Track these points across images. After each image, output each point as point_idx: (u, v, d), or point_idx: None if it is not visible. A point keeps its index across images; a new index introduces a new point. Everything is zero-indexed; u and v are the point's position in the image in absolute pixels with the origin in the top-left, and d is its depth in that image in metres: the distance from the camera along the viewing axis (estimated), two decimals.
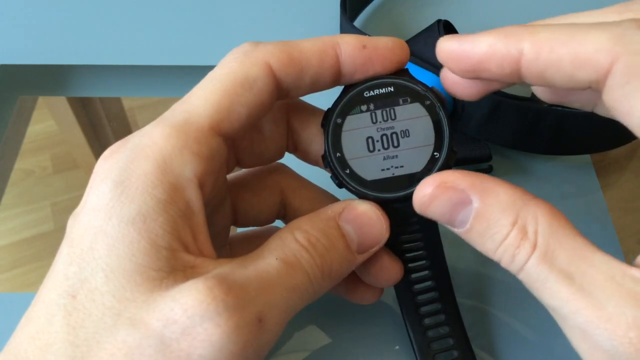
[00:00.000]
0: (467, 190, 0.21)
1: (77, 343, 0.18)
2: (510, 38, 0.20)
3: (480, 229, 0.21)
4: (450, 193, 0.21)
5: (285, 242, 0.22)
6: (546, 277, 0.19)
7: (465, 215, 0.21)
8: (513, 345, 0.30)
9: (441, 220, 0.22)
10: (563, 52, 0.19)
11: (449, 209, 0.21)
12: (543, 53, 0.19)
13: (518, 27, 0.20)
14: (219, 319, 0.18)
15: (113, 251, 0.19)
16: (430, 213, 0.22)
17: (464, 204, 0.21)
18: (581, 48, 0.18)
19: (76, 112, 0.66)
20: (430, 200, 0.21)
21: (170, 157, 0.20)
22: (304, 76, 0.23)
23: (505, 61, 0.20)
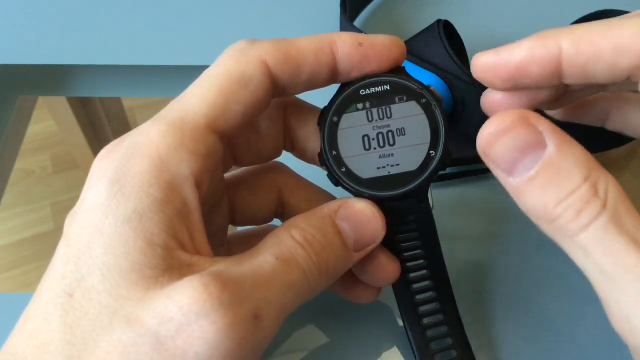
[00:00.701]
0: (545, 132, 0.19)
1: (74, 342, 0.18)
2: (548, 39, 0.20)
3: (547, 177, 0.19)
4: (527, 129, 0.19)
5: (282, 240, 0.22)
6: (614, 239, 0.18)
7: (534, 160, 0.19)
8: (512, 344, 0.30)
9: (501, 162, 0.20)
10: (603, 42, 0.19)
11: (519, 148, 0.19)
12: (583, 46, 0.19)
13: (554, 29, 0.20)
14: (214, 316, 0.18)
15: (109, 250, 0.19)
16: (496, 149, 0.20)
17: (536, 146, 0.19)
18: (620, 36, 0.19)
19: (76, 112, 0.66)
20: (502, 134, 0.20)
21: (166, 156, 0.20)
22: (301, 74, 0.23)
23: (546, 61, 0.20)
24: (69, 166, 0.86)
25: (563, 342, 0.29)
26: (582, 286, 0.31)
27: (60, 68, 0.46)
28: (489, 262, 0.33)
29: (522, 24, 0.46)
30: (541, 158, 0.19)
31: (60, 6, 0.48)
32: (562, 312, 0.30)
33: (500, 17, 0.47)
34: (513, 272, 0.32)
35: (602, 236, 0.18)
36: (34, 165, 0.87)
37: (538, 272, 0.32)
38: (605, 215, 0.18)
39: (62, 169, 0.87)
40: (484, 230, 0.34)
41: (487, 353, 0.29)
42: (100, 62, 0.44)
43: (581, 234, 0.19)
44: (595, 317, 0.30)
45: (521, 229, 0.34)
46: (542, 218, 0.19)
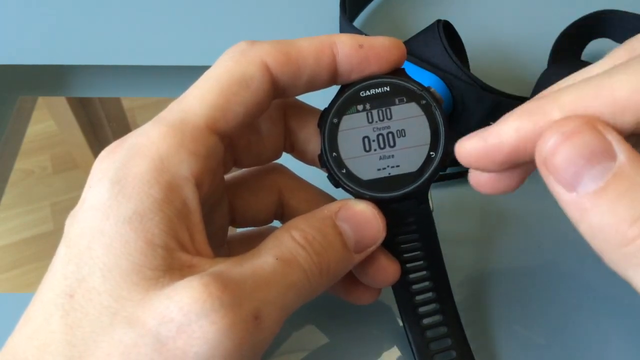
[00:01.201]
0: (614, 142, 0.17)
1: (74, 342, 0.18)
2: (535, 115, 0.18)
3: (618, 190, 0.16)
4: (595, 136, 0.17)
5: (282, 241, 0.22)
6: None
7: (602, 172, 0.16)
8: (511, 344, 0.30)
9: (564, 172, 0.17)
10: (598, 105, 0.17)
11: (586, 156, 0.17)
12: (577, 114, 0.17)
13: (537, 101, 0.18)
14: (214, 316, 0.18)
15: (110, 250, 0.19)
16: (560, 156, 0.17)
17: (604, 156, 0.16)
18: (617, 94, 0.17)
19: (76, 112, 0.66)
20: (567, 138, 0.17)
21: (166, 156, 0.20)
22: (301, 75, 0.23)
23: None
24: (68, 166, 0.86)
25: (563, 343, 0.29)
26: (583, 287, 0.31)
27: (60, 68, 0.46)
28: (489, 263, 0.33)
29: (522, 24, 0.46)
30: (611, 169, 0.16)
31: (60, 6, 0.48)
32: (562, 312, 0.30)
33: (500, 17, 0.47)
34: (512, 273, 0.32)
35: None
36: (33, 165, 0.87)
37: (538, 272, 0.32)
38: None
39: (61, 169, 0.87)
40: (484, 230, 0.34)
41: (486, 353, 0.29)
42: (100, 62, 0.44)
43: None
44: (596, 317, 0.30)
45: (521, 230, 0.34)
46: (611, 241, 0.16)
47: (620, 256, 0.16)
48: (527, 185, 0.21)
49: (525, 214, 0.34)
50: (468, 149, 0.20)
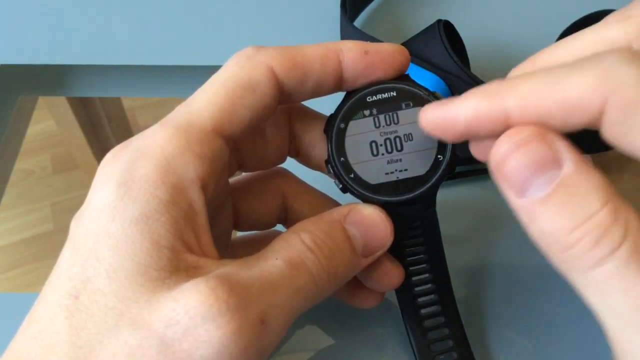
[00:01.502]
0: (562, 151, 0.18)
1: (79, 344, 0.18)
2: (492, 98, 0.19)
3: (562, 198, 0.17)
4: (542, 146, 0.18)
5: (291, 243, 0.22)
6: (636, 278, 0.16)
7: (548, 180, 0.17)
8: (512, 346, 0.30)
9: (513, 180, 0.18)
10: (550, 102, 0.18)
11: (533, 165, 0.18)
12: (530, 108, 0.18)
13: (498, 83, 0.19)
14: (220, 320, 0.18)
15: (116, 252, 0.19)
16: (509, 165, 0.18)
17: (551, 165, 0.17)
18: (568, 94, 0.17)
19: (76, 112, 0.66)
20: (516, 149, 0.18)
21: (172, 158, 0.20)
22: (307, 81, 0.23)
23: (494, 122, 0.19)
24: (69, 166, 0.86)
25: (564, 343, 0.30)
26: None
27: (60, 68, 0.46)
28: (490, 263, 0.33)
29: (522, 24, 0.46)
30: (557, 177, 0.17)
31: (60, 6, 0.48)
32: (564, 313, 0.30)
33: (500, 17, 0.47)
34: (514, 273, 0.32)
35: (622, 273, 0.16)
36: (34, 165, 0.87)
37: (539, 273, 0.32)
38: (626, 247, 0.16)
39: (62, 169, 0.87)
40: (484, 230, 0.34)
41: (487, 354, 0.29)
42: (100, 62, 0.44)
43: (597, 269, 0.16)
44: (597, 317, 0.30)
45: (522, 230, 0.34)
46: (554, 246, 0.17)
47: (563, 260, 0.17)
48: None
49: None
50: (430, 117, 0.20)
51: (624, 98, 0.16)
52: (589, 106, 0.17)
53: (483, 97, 0.19)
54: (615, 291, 0.16)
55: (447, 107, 0.20)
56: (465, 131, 0.20)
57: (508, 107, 0.18)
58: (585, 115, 0.17)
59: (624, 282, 0.16)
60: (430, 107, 0.21)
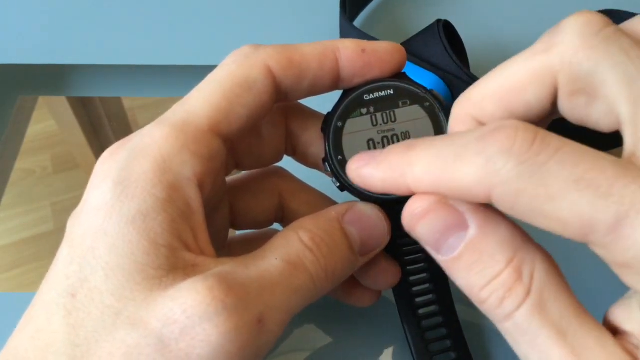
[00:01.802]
0: (466, 213, 0.19)
1: (77, 342, 0.18)
2: (394, 172, 0.20)
3: (469, 260, 0.18)
4: (446, 212, 0.19)
5: (289, 242, 0.22)
6: (537, 331, 0.17)
7: (456, 242, 0.19)
8: (510, 346, 0.30)
9: (426, 242, 0.20)
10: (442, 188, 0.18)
11: (441, 230, 0.19)
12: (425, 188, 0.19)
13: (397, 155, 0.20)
14: (217, 320, 0.18)
15: (113, 250, 0.19)
16: (419, 230, 0.20)
17: (458, 228, 0.19)
18: (455, 183, 0.18)
19: (76, 112, 0.66)
20: (422, 216, 0.19)
21: (169, 157, 0.20)
22: (304, 79, 0.23)
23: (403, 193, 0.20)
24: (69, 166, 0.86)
25: None
26: (582, 287, 0.31)
27: (60, 68, 0.46)
28: None
29: (522, 24, 0.46)
30: (464, 239, 0.18)
31: (60, 6, 0.48)
32: None
33: (500, 17, 0.47)
34: None
35: (525, 327, 0.17)
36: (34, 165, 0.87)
37: None
38: (529, 303, 0.17)
39: (62, 169, 0.87)
40: None
41: (485, 354, 0.29)
42: (100, 62, 0.44)
43: (506, 322, 0.18)
44: (597, 317, 0.30)
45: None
46: (472, 298, 0.19)
47: (482, 310, 0.18)
48: None
49: None
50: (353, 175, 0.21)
51: (505, 192, 0.17)
52: (476, 195, 0.17)
53: (388, 169, 0.20)
54: (523, 343, 0.17)
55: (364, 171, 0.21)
56: (383, 192, 0.20)
57: (408, 184, 0.19)
58: (476, 199, 0.18)
59: (529, 336, 0.17)
60: (354, 164, 0.21)
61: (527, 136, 0.17)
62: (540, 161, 0.16)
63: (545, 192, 0.16)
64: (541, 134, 0.17)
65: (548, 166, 0.16)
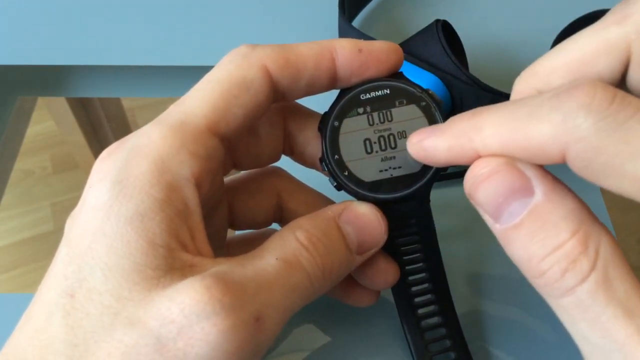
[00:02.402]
0: (533, 179, 0.18)
1: (75, 342, 0.18)
2: (461, 138, 0.19)
3: (532, 227, 0.17)
4: (513, 174, 0.18)
5: (286, 241, 0.22)
6: (602, 309, 0.16)
7: (520, 207, 0.18)
8: (510, 346, 0.30)
9: (487, 207, 0.19)
10: (512, 148, 0.18)
11: (504, 194, 0.18)
12: (495, 150, 0.19)
13: (467, 122, 0.19)
14: (215, 319, 0.18)
15: (111, 250, 0.19)
16: (480, 194, 0.19)
17: (523, 193, 0.18)
18: (528, 142, 0.17)
19: (76, 112, 0.66)
20: (487, 177, 0.18)
21: (167, 157, 0.20)
22: (301, 79, 0.23)
23: (469, 158, 0.19)
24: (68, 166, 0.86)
25: (562, 344, 0.30)
26: None
27: (59, 68, 0.46)
28: (488, 263, 0.33)
29: (521, 24, 0.46)
30: (528, 205, 0.18)
31: (59, 6, 0.48)
32: None
33: (499, 17, 0.47)
34: (512, 273, 0.32)
35: (588, 303, 0.16)
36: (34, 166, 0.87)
37: None
38: (594, 278, 0.16)
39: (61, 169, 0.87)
40: (483, 230, 0.34)
41: (485, 354, 0.29)
42: (100, 62, 0.44)
43: (565, 297, 0.17)
44: None
45: None
46: (528, 271, 0.18)
47: (537, 285, 0.18)
48: None
49: None
50: (415, 148, 0.21)
51: (583, 149, 0.16)
52: (550, 153, 0.17)
53: (454, 136, 0.20)
54: (583, 320, 0.17)
55: (428, 142, 0.20)
56: (446, 163, 0.20)
57: (476, 148, 0.19)
58: (548, 159, 0.17)
59: (591, 313, 0.16)
60: (415, 138, 0.21)
61: (606, 94, 0.16)
62: (620, 119, 0.16)
63: (626, 149, 0.16)
64: (620, 93, 0.16)
65: (629, 124, 0.16)
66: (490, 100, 0.33)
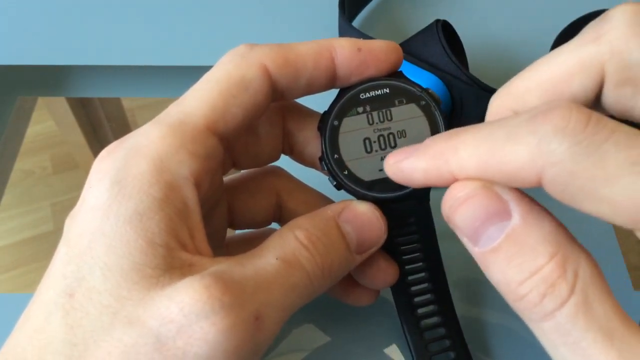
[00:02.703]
0: (510, 202, 0.18)
1: (74, 342, 0.18)
2: (437, 160, 0.19)
3: (509, 252, 0.17)
4: (490, 198, 0.18)
5: (285, 241, 0.22)
6: (582, 333, 0.16)
7: (497, 232, 0.18)
8: (509, 346, 0.30)
9: (464, 231, 0.19)
10: (488, 171, 0.18)
11: (482, 218, 0.18)
12: (471, 173, 0.18)
13: (441, 142, 0.19)
14: (214, 318, 0.18)
15: (110, 250, 0.19)
16: (458, 218, 0.19)
17: (500, 217, 0.18)
18: (504, 166, 0.17)
19: (76, 112, 0.66)
20: (464, 201, 0.18)
21: (166, 156, 0.20)
22: (300, 78, 0.23)
23: (445, 181, 0.19)
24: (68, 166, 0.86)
25: None
26: None
27: (59, 68, 0.46)
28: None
29: (521, 24, 0.46)
30: (505, 229, 0.18)
31: (59, 6, 0.48)
32: None
33: (499, 17, 0.47)
34: None
35: (568, 328, 0.16)
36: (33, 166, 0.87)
37: None
38: (573, 301, 0.16)
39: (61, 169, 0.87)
40: None
41: (484, 354, 0.29)
42: (100, 62, 0.44)
43: (545, 322, 0.17)
44: None
45: None
46: (507, 295, 0.18)
47: (517, 309, 0.17)
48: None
49: None
50: (391, 170, 0.21)
51: (559, 174, 0.16)
52: (526, 177, 0.17)
53: (431, 158, 0.19)
54: (564, 345, 0.16)
55: (405, 164, 0.20)
56: (423, 185, 0.20)
57: (452, 170, 0.19)
58: (524, 183, 0.17)
59: (571, 337, 0.16)
60: (392, 159, 0.21)
61: (581, 116, 0.16)
62: (596, 142, 0.15)
63: (601, 174, 0.15)
64: (595, 115, 0.16)
65: (604, 148, 0.15)
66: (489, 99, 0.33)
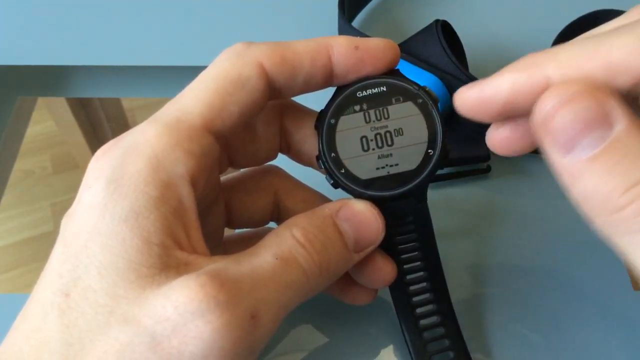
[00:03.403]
0: (614, 109, 0.17)
1: (70, 341, 0.18)
2: (531, 68, 0.18)
3: (612, 159, 0.16)
4: (594, 103, 0.17)
5: (282, 239, 0.22)
6: None
7: (596, 140, 0.16)
8: (508, 345, 0.30)
9: (559, 137, 0.17)
10: (592, 66, 0.17)
11: (583, 122, 0.17)
12: (571, 72, 0.18)
13: (535, 55, 0.19)
14: (210, 316, 0.18)
15: (106, 249, 0.19)
16: (557, 121, 0.17)
17: (602, 123, 0.16)
18: (610, 57, 0.17)
19: (75, 112, 0.66)
20: (565, 104, 0.17)
21: (162, 155, 0.20)
22: (297, 76, 0.23)
23: (533, 92, 0.18)
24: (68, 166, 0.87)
25: (559, 341, 0.29)
26: (581, 286, 0.31)
27: (59, 68, 0.46)
28: (486, 263, 0.33)
29: (521, 24, 0.46)
30: (608, 137, 0.16)
31: (59, 7, 0.48)
32: (560, 312, 0.30)
33: (499, 17, 0.47)
34: (510, 273, 0.32)
35: None
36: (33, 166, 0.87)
37: (536, 272, 0.32)
38: None
39: (61, 169, 0.87)
40: (482, 230, 0.34)
41: (484, 354, 0.29)
42: (100, 62, 0.44)
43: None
44: (595, 317, 0.30)
45: (518, 230, 0.34)
46: (600, 207, 0.17)
47: (610, 222, 0.17)
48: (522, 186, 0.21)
49: (520, 214, 0.34)
50: (465, 98, 0.20)
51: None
52: (633, 68, 0.16)
53: (521, 68, 0.19)
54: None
55: (483, 85, 0.20)
56: (503, 108, 0.19)
57: (549, 76, 0.18)
58: (630, 77, 0.17)
59: None
60: (465, 88, 0.20)
61: None
62: None
63: None
64: None
65: None
66: None
